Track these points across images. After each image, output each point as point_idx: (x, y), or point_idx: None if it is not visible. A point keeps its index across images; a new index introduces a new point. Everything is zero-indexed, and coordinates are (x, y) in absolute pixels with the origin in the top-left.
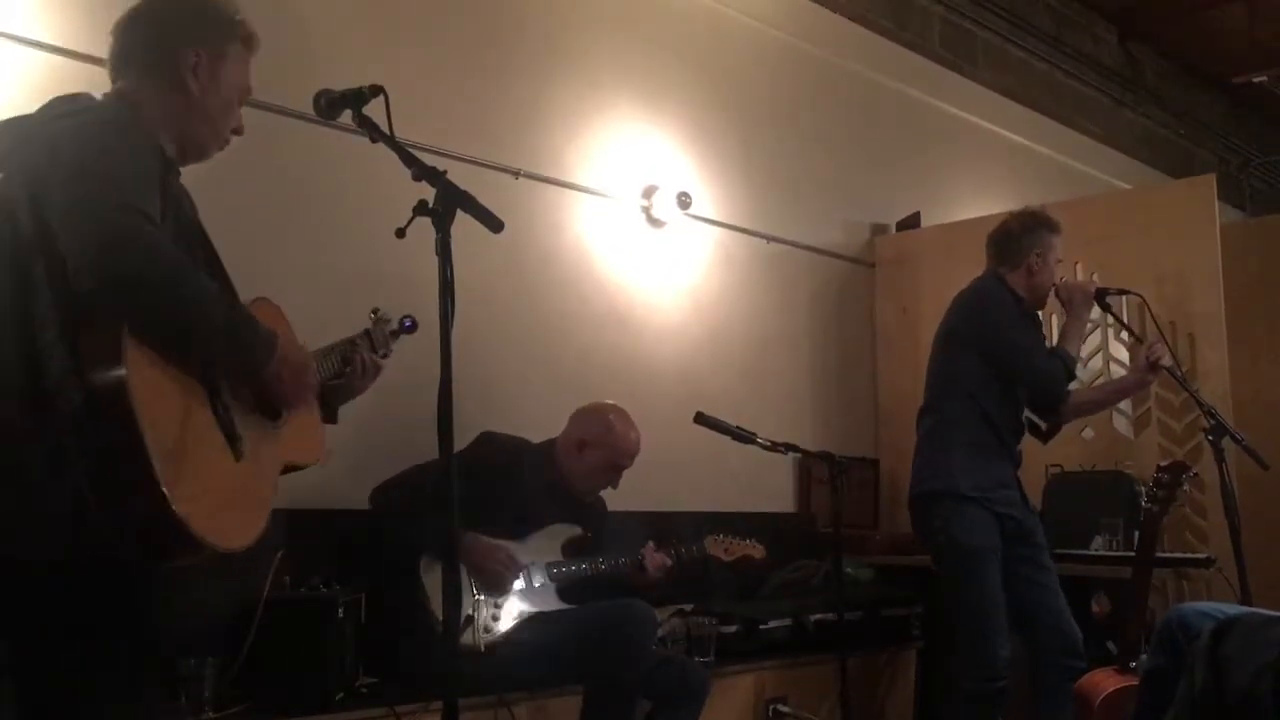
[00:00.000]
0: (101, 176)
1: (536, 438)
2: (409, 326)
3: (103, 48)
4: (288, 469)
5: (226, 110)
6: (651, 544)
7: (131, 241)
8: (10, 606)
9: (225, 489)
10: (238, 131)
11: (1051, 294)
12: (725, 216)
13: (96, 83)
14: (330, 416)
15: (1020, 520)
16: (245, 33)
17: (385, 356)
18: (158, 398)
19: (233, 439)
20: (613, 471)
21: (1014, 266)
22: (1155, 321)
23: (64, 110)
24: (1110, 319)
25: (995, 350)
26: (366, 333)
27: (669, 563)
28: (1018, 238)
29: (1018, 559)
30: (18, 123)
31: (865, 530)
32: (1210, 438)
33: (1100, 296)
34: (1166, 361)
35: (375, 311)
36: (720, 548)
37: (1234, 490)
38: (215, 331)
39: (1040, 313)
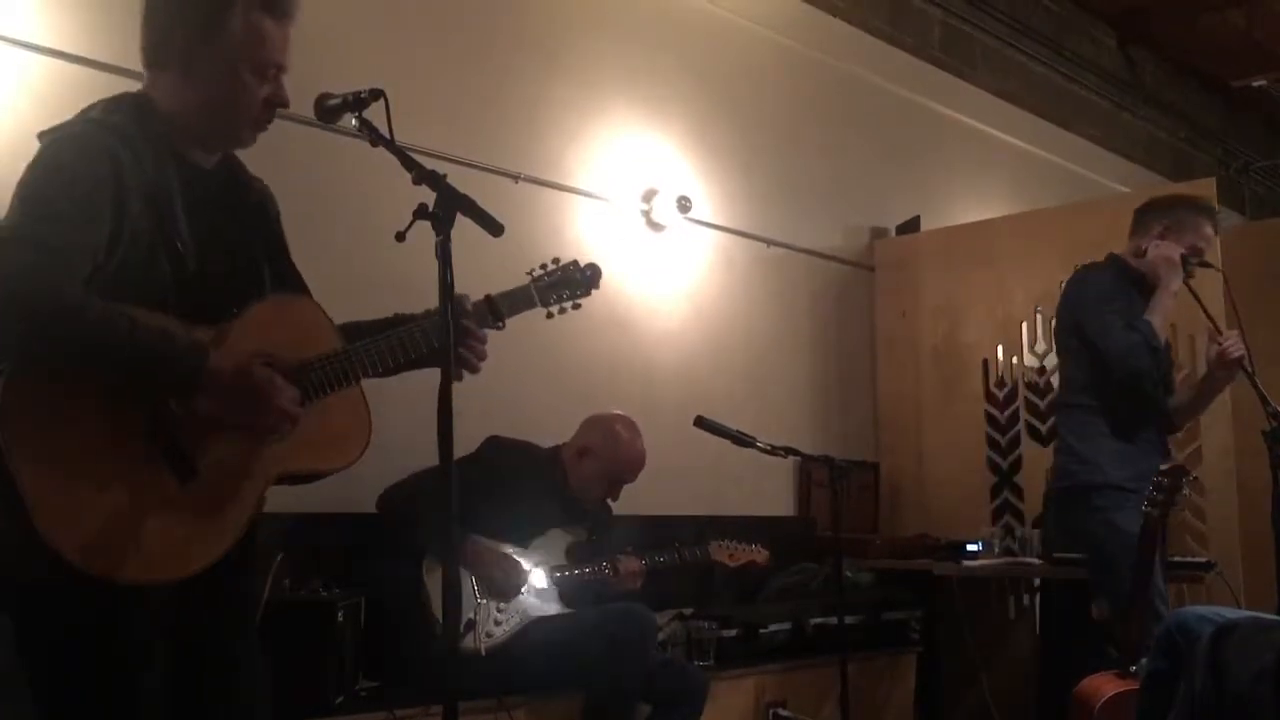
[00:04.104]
0: (19, 202)
1: (536, 442)
2: (589, 276)
3: (100, 50)
4: (290, 478)
5: (237, 88)
6: (629, 551)
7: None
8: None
9: (148, 520)
10: (277, 103)
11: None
12: (725, 220)
13: (94, 85)
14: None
15: None
16: None
17: (570, 308)
18: (49, 441)
19: (178, 465)
20: (611, 482)
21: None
22: (1234, 307)
23: (56, 126)
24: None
25: (1082, 341)
26: (488, 297)
27: (638, 566)
28: (1144, 212)
29: None
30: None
31: (865, 534)
32: (1269, 442)
33: (1185, 262)
34: (1239, 353)
35: (544, 267)
36: (725, 553)
37: None
38: (114, 356)
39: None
